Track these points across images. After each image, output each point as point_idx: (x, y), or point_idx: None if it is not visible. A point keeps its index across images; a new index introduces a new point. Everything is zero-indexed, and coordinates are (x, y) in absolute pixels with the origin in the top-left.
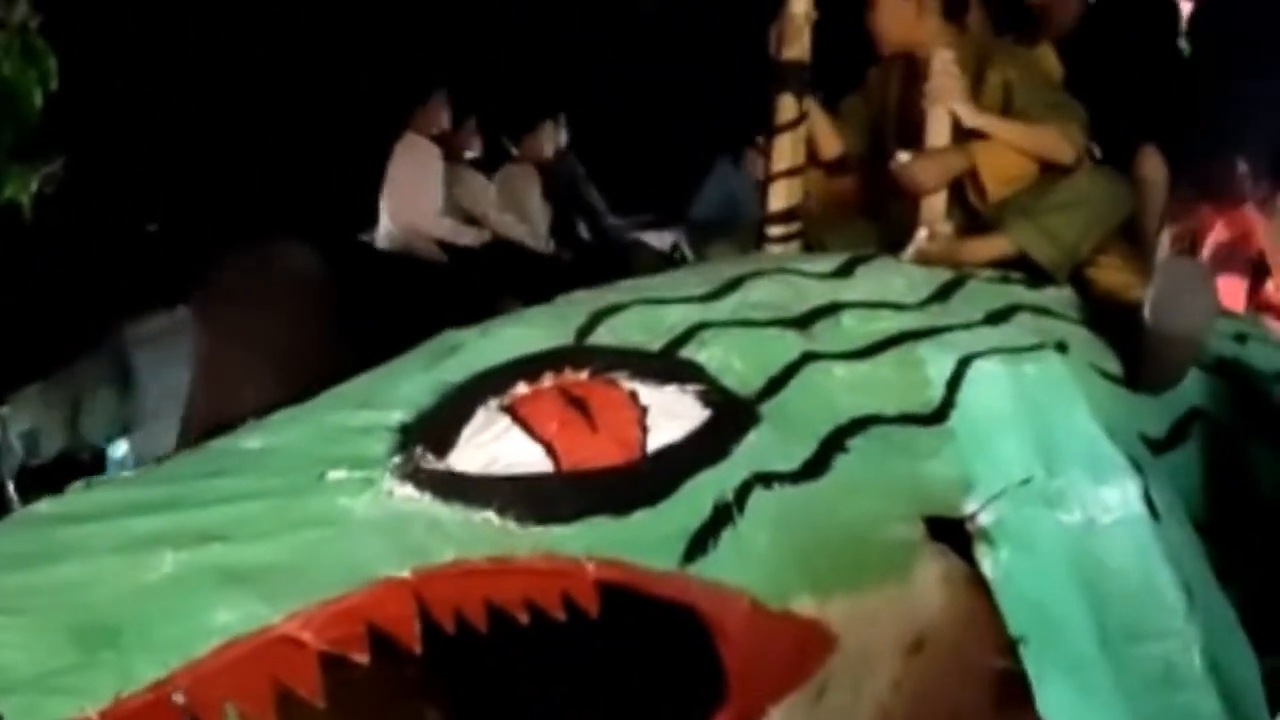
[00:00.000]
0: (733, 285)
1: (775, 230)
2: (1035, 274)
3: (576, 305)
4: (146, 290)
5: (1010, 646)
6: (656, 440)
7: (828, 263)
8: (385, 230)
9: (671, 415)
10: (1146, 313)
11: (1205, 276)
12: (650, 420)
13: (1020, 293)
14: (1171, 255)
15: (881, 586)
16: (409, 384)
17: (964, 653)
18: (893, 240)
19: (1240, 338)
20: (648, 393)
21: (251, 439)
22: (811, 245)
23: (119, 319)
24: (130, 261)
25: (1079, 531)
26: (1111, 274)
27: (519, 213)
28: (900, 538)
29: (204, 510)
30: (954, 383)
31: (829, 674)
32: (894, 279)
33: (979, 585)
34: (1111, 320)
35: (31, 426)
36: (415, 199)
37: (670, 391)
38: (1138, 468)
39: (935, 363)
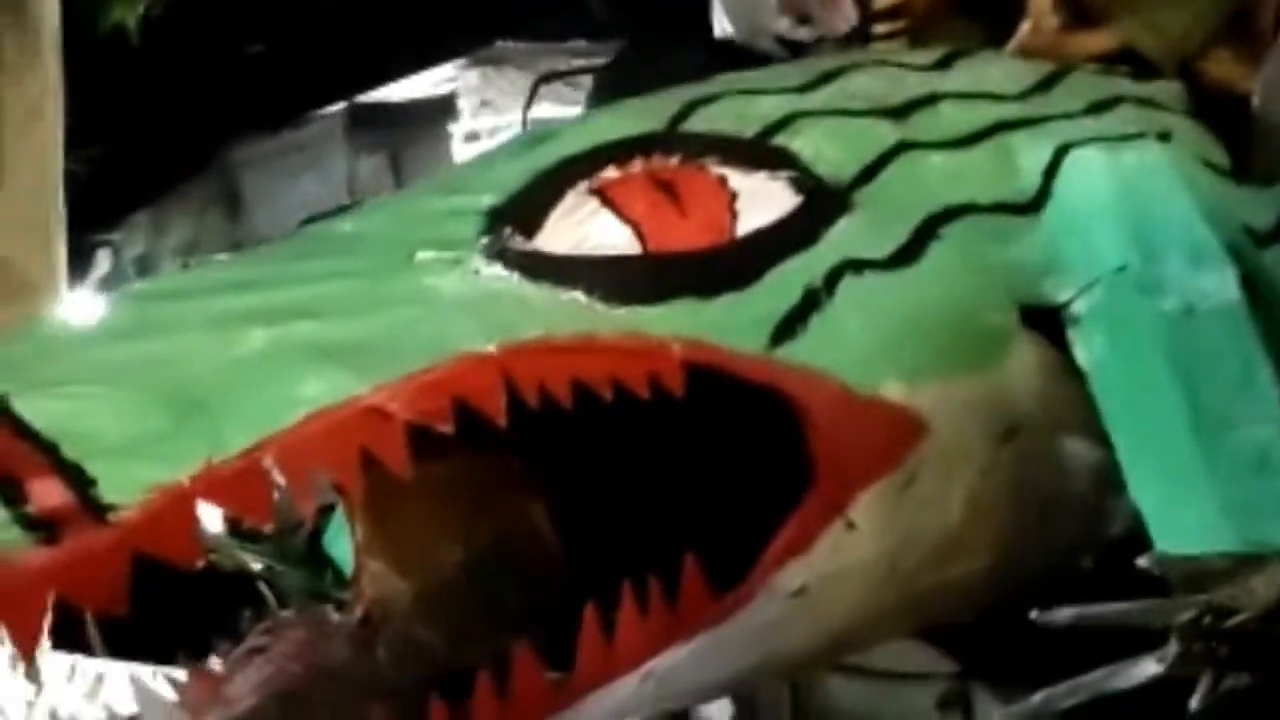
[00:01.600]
0: (829, 77)
1: (880, 28)
2: (1142, 67)
3: (672, 96)
4: (252, 113)
5: (1104, 436)
6: (746, 225)
7: (927, 55)
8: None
9: (761, 201)
10: (1256, 100)
11: None
12: (739, 205)
13: (1125, 85)
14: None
15: (973, 374)
16: (500, 170)
17: (1057, 442)
18: (997, 37)
19: None
20: (738, 178)
21: (344, 224)
22: (915, 43)
23: (226, 142)
24: (236, 84)
25: (1175, 318)
26: (1222, 66)
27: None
28: (993, 325)
29: (294, 289)
30: (1051, 171)
31: (919, 461)
32: (994, 71)
33: (1074, 374)
34: (1220, 112)
35: (144, 251)
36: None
37: (760, 178)
38: (1238, 254)
39: (1032, 151)
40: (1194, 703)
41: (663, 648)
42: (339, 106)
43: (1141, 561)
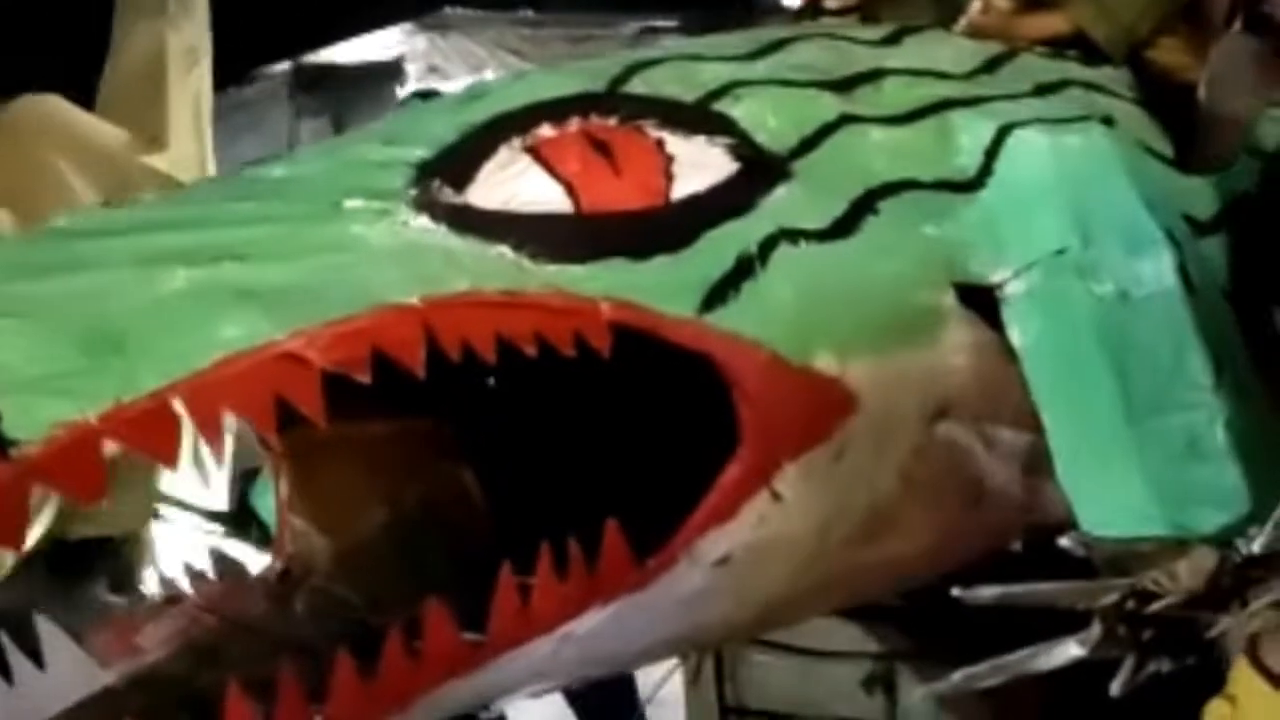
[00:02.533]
0: (775, 47)
1: (831, 2)
2: (1092, 52)
3: (614, 58)
4: None
5: (1039, 419)
6: (681, 189)
7: (876, 31)
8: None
9: (698, 166)
10: (1200, 91)
11: (1262, 57)
12: (676, 169)
13: (1073, 69)
14: (1231, 34)
15: (906, 350)
16: (435, 123)
17: (990, 422)
18: (949, 17)
19: None
20: (675, 142)
21: (276, 168)
22: (867, 19)
23: None
24: None
25: (1110, 303)
26: (1171, 54)
27: None
28: (928, 303)
29: (220, 231)
30: (993, 151)
31: (849, 435)
32: (942, 49)
33: (1009, 355)
34: (1167, 100)
35: None
36: None
37: (699, 142)
38: (1175, 241)
39: (975, 130)
40: (1115, 686)
41: (580, 611)
42: (283, 66)
43: (1064, 541)
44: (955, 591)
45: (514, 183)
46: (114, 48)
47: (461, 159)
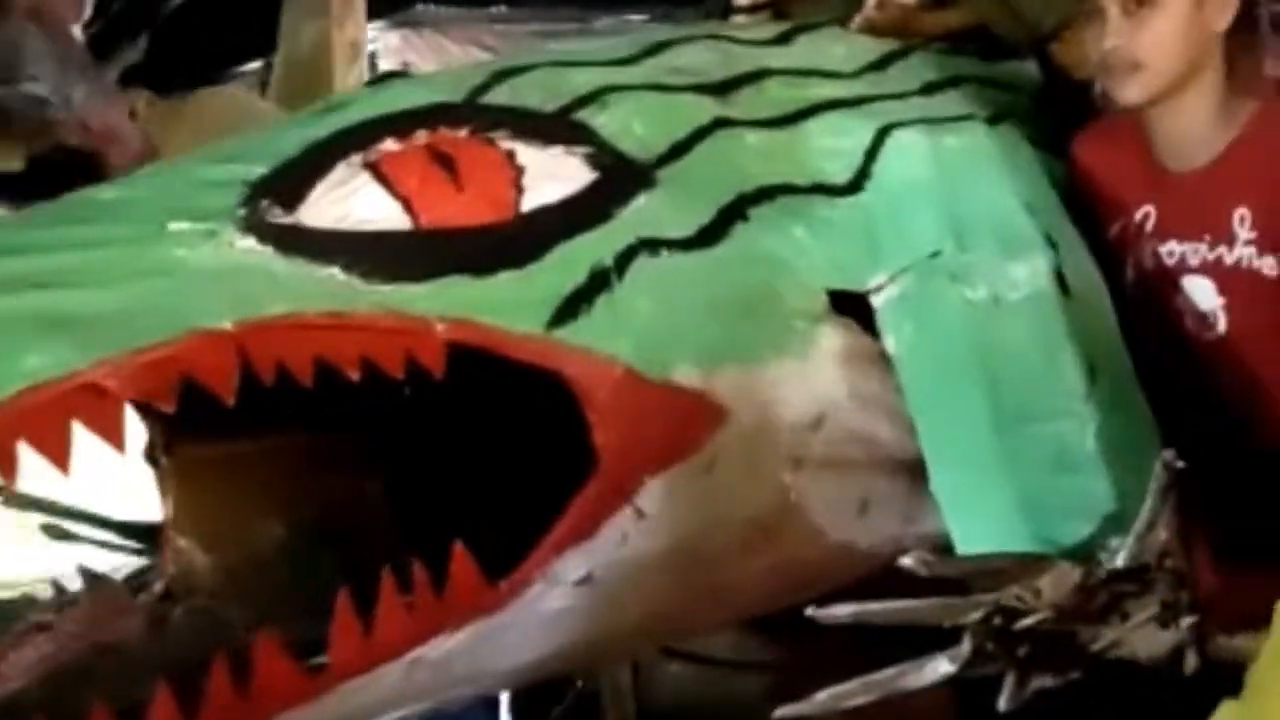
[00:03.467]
0: (655, 50)
1: (742, 0)
2: (994, 47)
3: (482, 66)
4: (167, 68)
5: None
6: (531, 201)
7: (767, 30)
8: None
9: (552, 177)
10: (1096, 89)
11: None
12: (527, 181)
13: (971, 65)
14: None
15: (777, 359)
16: (283, 139)
17: (870, 431)
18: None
19: None
20: (529, 153)
21: (107, 191)
22: (780, 17)
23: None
24: (153, 38)
25: (983, 308)
26: (1076, 49)
27: None
28: (799, 309)
29: (36, 257)
30: (872, 153)
31: (719, 447)
32: (835, 47)
33: (885, 362)
34: (1069, 96)
35: None
36: None
37: (555, 152)
38: (1053, 244)
39: (854, 132)
40: (1001, 703)
41: (429, 636)
42: (256, 64)
43: (904, 561)
44: (809, 611)
45: (348, 201)
46: (282, 43)
47: (295, 176)
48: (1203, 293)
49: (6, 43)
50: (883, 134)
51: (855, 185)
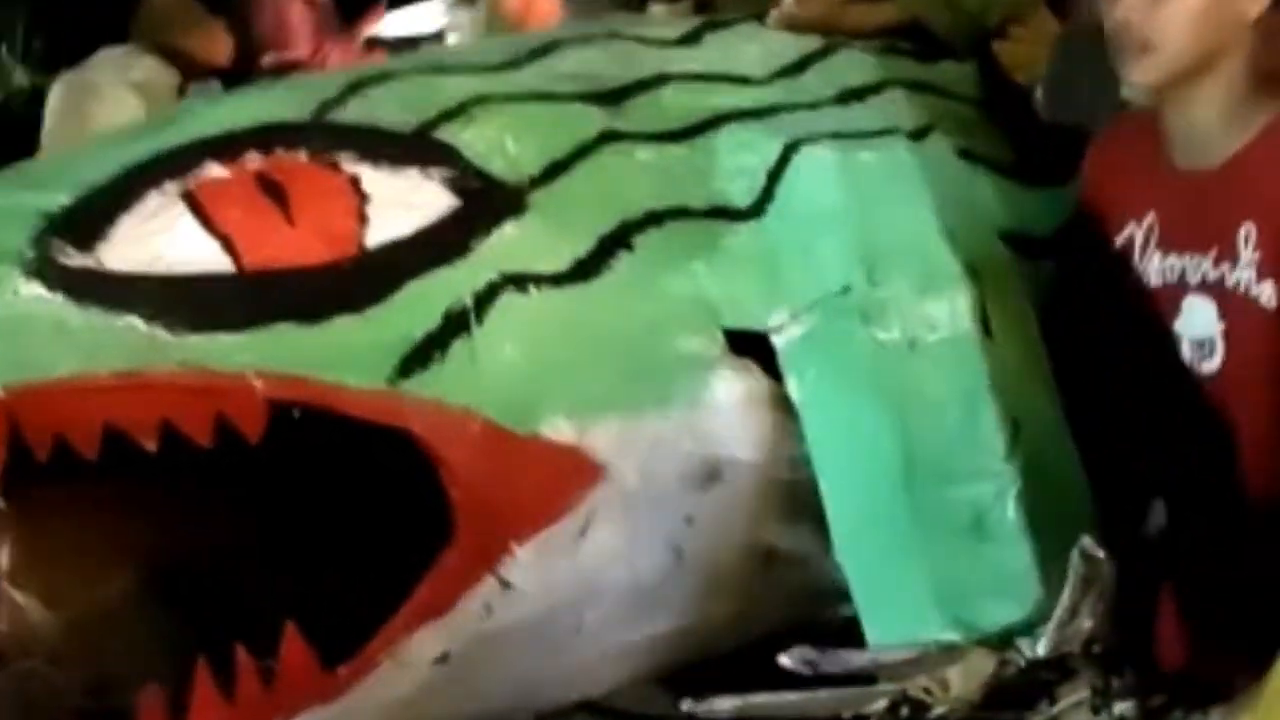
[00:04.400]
0: (543, 52)
1: None
2: (931, 45)
3: (338, 75)
4: None
5: None
6: (379, 235)
7: (675, 28)
8: None
9: (403, 205)
10: (1038, 94)
11: (1108, 56)
12: (373, 210)
13: (901, 66)
14: (1071, 29)
15: (664, 408)
16: (92, 162)
17: (770, 485)
18: None
19: None
20: (377, 178)
21: None
22: (702, 9)
23: None
24: None
25: (896, 352)
26: (1025, 49)
27: None
28: (690, 352)
29: None
30: (777, 171)
31: (596, 508)
32: (748, 48)
33: (788, 409)
34: (1011, 101)
35: None
36: None
37: (409, 176)
38: (977, 277)
39: (758, 147)
40: None
41: None
42: None
43: (783, 660)
44: (685, 705)
45: (158, 238)
46: None
47: (99, 209)
48: (1202, 316)
49: None
50: (789, 150)
51: (757, 209)
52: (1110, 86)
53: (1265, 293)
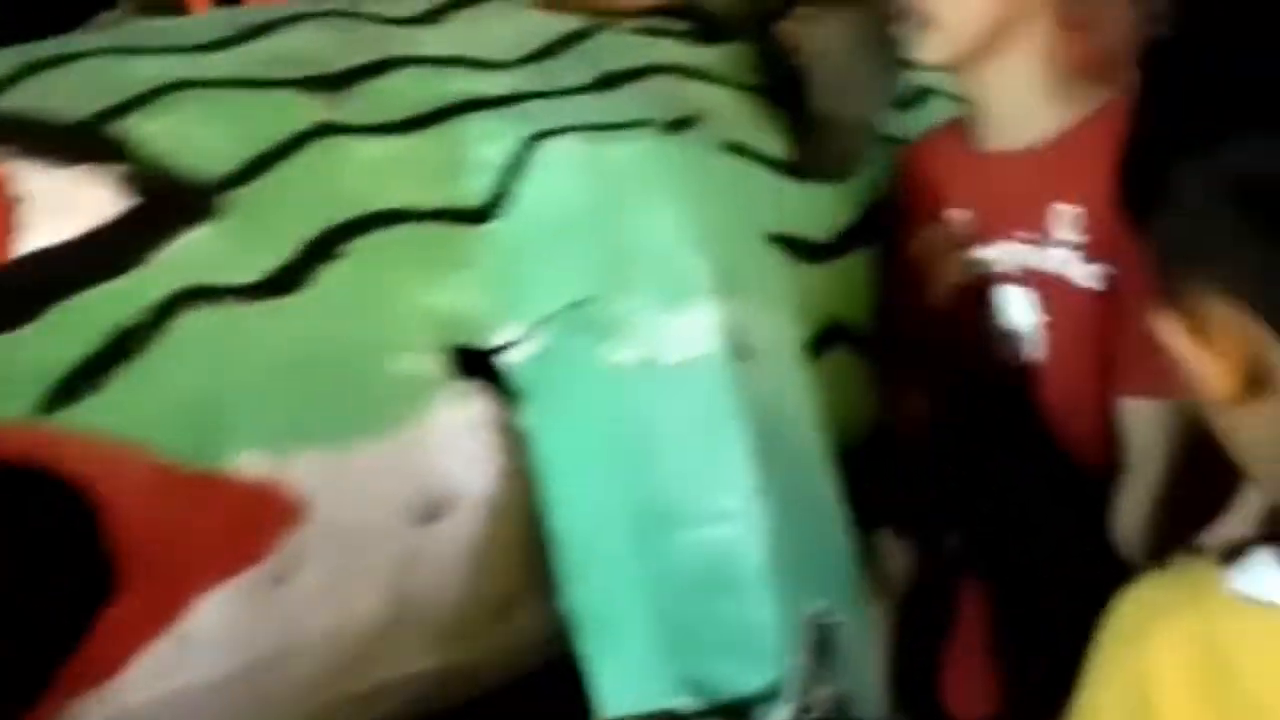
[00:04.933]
0: (259, 31)
1: None
2: (707, 25)
3: (12, 53)
4: None
5: None
6: (32, 242)
7: (419, 5)
8: None
9: (66, 209)
10: (812, 79)
11: (885, 41)
12: (29, 215)
13: (670, 50)
14: (845, 11)
15: (377, 437)
16: None
17: (507, 522)
18: None
19: (921, 96)
20: (38, 176)
21: None
22: None
23: None
24: None
25: (633, 375)
26: (807, 27)
27: None
28: (408, 373)
29: None
30: (514, 167)
31: (299, 550)
32: (499, 28)
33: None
34: (791, 87)
35: None
36: None
37: (76, 175)
38: (729, 292)
39: (494, 140)
40: None
41: None
42: None
43: None
44: None
45: None
46: None
47: None
48: (1019, 307)
49: None
50: (531, 144)
51: (493, 210)
52: (887, 77)
53: (1091, 276)
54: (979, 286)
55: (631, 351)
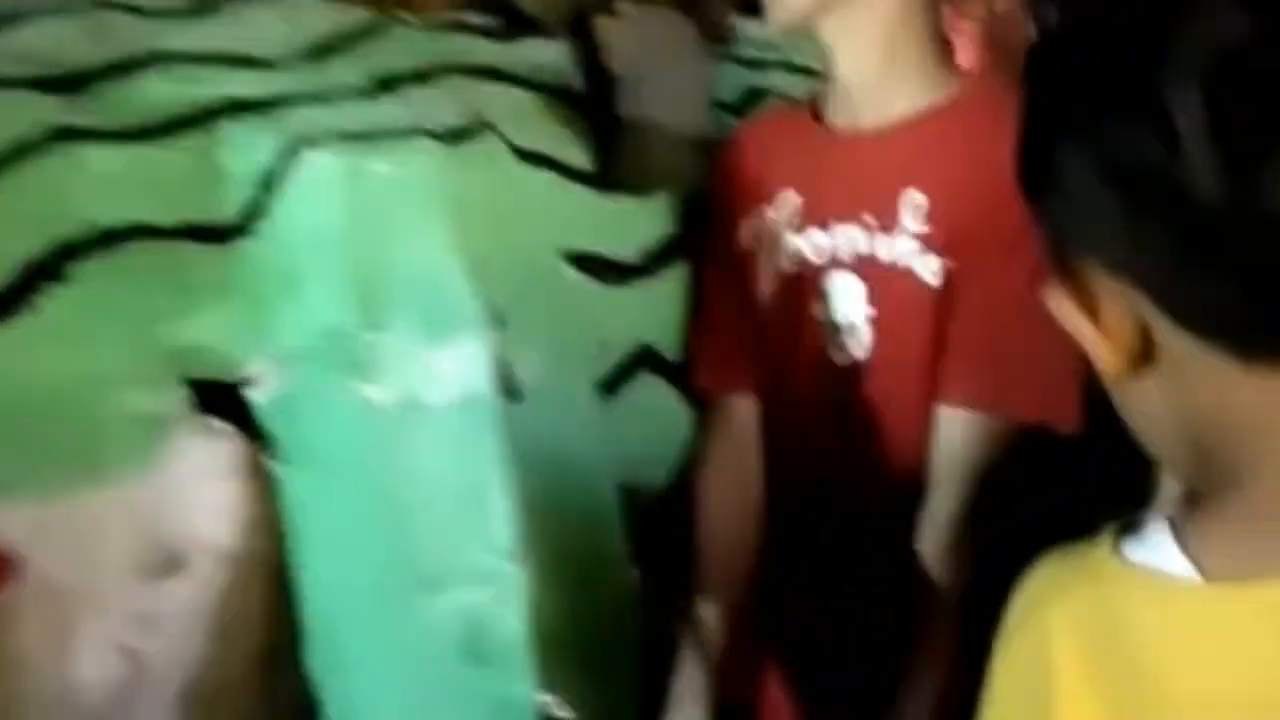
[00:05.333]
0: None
1: None
2: (517, 20)
3: None
4: None
5: None
6: None
7: None
8: None
9: None
10: (620, 87)
11: (703, 43)
12: None
13: (466, 48)
14: (659, 8)
15: (101, 484)
16: None
17: (259, 574)
18: None
19: (753, 97)
20: None
21: None
22: None
23: None
24: None
25: (390, 416)
26: (622, 26)
27: None
28: (139, 410)
29: None
30: (269, 181)
31: (10, 610)
32: (273, 23)
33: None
34: (602, 90)
35: None
36: None
37: None
38: (502, 323)
39: (249, 150)
40: None
41: None
42: None
43: None
44: None
45: None
46: None
47: None
48: (848, 298)
49: None
50: (288, 154)
51: (245, 227)
52: (704, 81)
53: (929, 269)
54: (808, 275)
55: (390, 390)
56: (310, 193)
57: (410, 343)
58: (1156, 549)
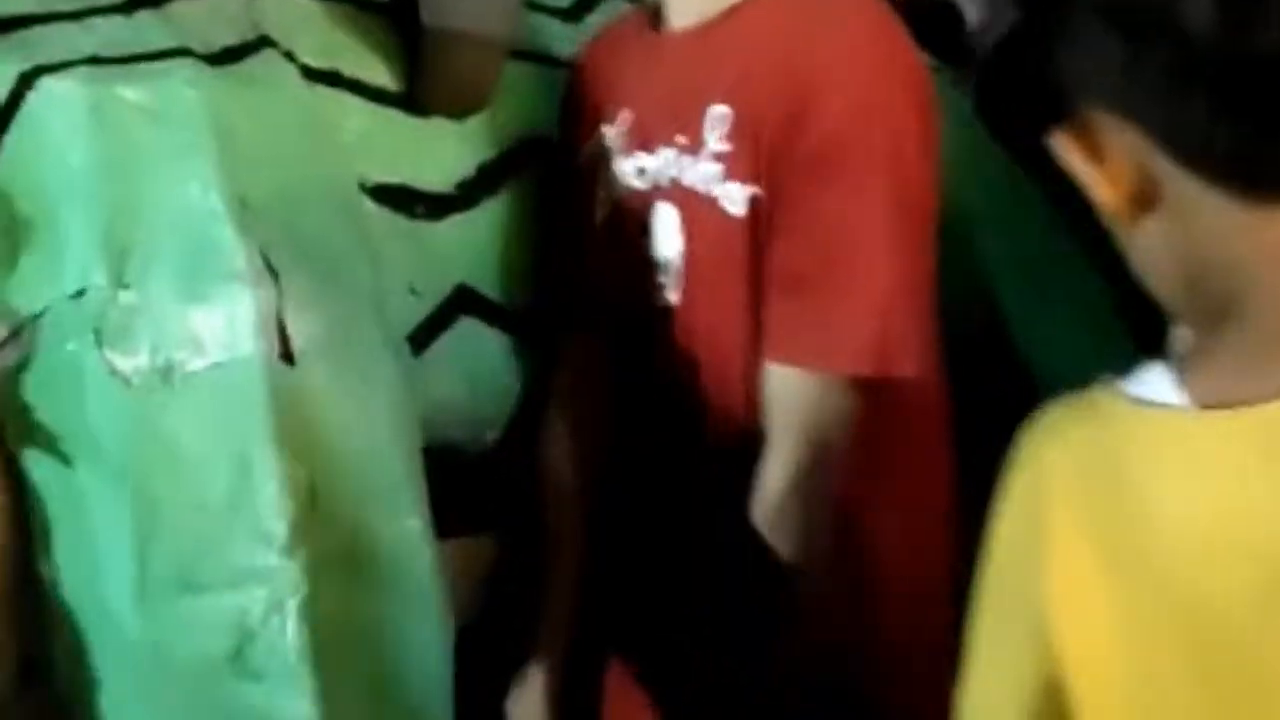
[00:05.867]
0: None
1: None
2: None
3: None
4: None
5: None
6: None
7: None
8: None
9: None
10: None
11: None
12: None
13: None
14: None
15: None
16: None
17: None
18: None
19: (586, 3)
20: None
21: None
22: None
23: None
24: None
25: (143, 388)
26: None
27: None
28: None
29: None
30: (8, 112)
31: None
32: None
33: None
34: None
35: None
36: None
37: None
38: (274, 274)
39: None
40: None
41: None
42: None
43: None
44: None
45: None
46: None
47: None
48: (666, 230)
49: None
50: (25, 82)
51: None
52: None
53: (731, 196)
54: (634, 204)
55: (143, 357)
56: (48, 128)
57: (166, 301)
58: (1154, 385)
